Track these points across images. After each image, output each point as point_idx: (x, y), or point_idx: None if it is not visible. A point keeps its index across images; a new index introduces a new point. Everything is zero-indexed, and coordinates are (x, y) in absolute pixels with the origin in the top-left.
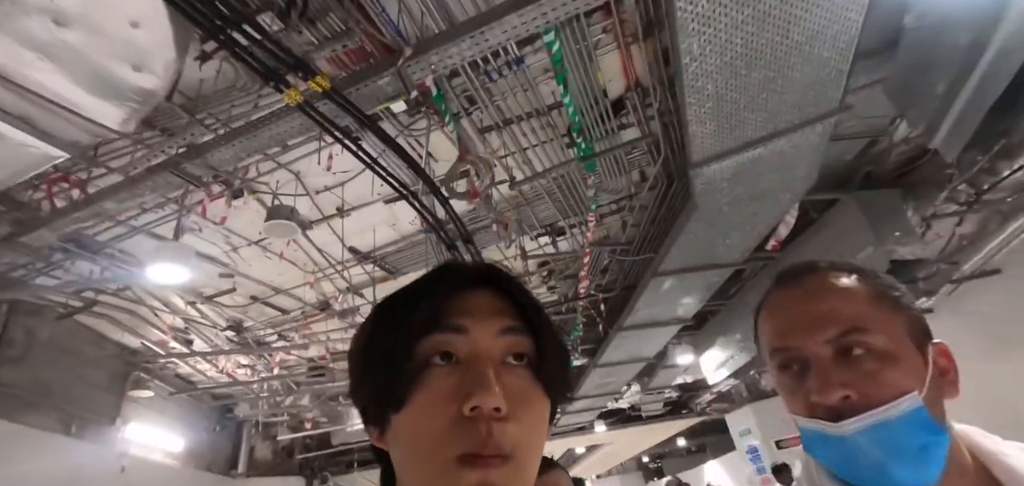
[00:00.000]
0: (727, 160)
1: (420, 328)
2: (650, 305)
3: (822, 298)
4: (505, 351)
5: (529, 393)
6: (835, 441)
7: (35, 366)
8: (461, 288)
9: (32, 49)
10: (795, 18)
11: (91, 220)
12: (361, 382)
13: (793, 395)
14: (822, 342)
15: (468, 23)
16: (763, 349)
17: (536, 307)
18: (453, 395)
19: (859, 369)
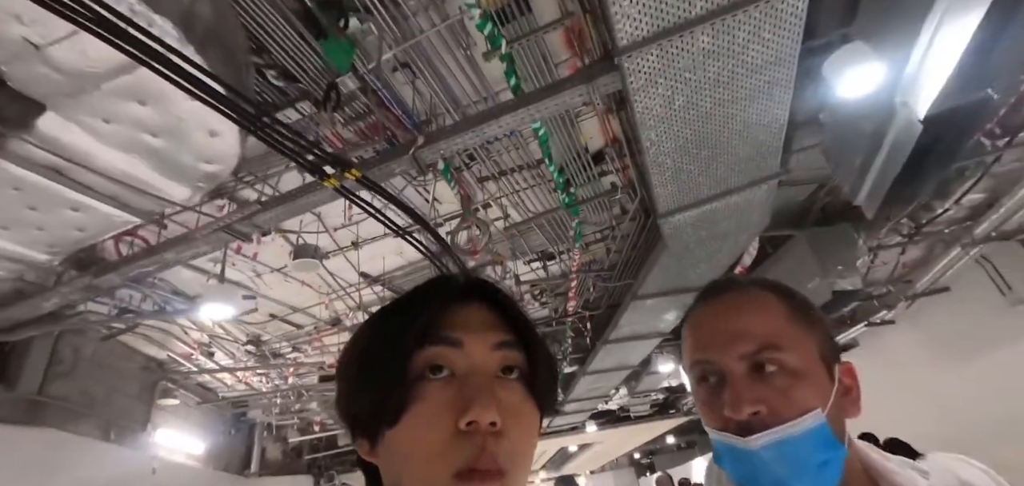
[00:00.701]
0: (688, 212)
1: (415, 341)
2: (632, 322)
3: (739, 314)
4: (499, 365)
5: (522, 407)
6: (743, 455)
7: (80, 380)
8: (454, 301)
9: (128, 151)
10: (731, 115)
11: (152, 266)
12: (353, 395)
13: (708, 407)
14: (737, 357)
15: (472, 119)
16: (685, 361)
17: (526, 321)
18: (449, 409)
19: (771, 385)
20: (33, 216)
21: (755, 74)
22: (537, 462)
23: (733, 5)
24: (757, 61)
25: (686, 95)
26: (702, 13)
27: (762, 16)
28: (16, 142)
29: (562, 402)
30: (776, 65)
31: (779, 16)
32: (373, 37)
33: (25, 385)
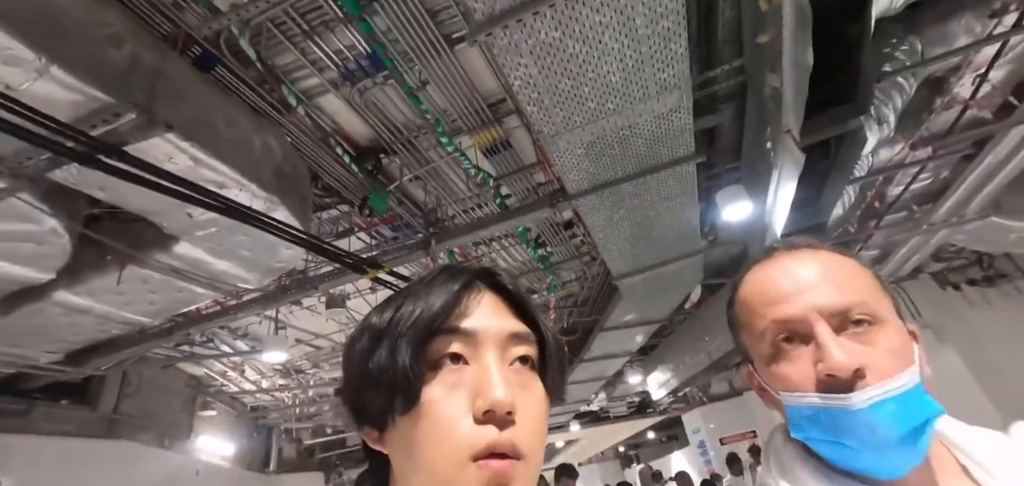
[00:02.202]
0: (636, 276)
1: (431, 328)
2: (603, 346)
3: (822, 269)
4: (512, 354)
5: (535, 395)
6: (843, 417)
7: (142, 399)
8: (467, 290)
9: (228, 260)
10: (656, 222)
11: (224, 321)
12: (362, 382)
13: (792, 368)
14: (829, 313)
15: (471, 225)
16: (748, 327)
17: (536, 312)
18: (465, 397)
19: (866, 341)
20: (150, 295)
21: (667, 201)
22: None
23: (647, 170)
24: (667, 195)
25: (621, 214)
26: (625, 175)
27: (666, 175)
28: (153, 257)
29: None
30: (681, 196)
31: (679, 174)
32: (396, 164)
33: (104, 406)
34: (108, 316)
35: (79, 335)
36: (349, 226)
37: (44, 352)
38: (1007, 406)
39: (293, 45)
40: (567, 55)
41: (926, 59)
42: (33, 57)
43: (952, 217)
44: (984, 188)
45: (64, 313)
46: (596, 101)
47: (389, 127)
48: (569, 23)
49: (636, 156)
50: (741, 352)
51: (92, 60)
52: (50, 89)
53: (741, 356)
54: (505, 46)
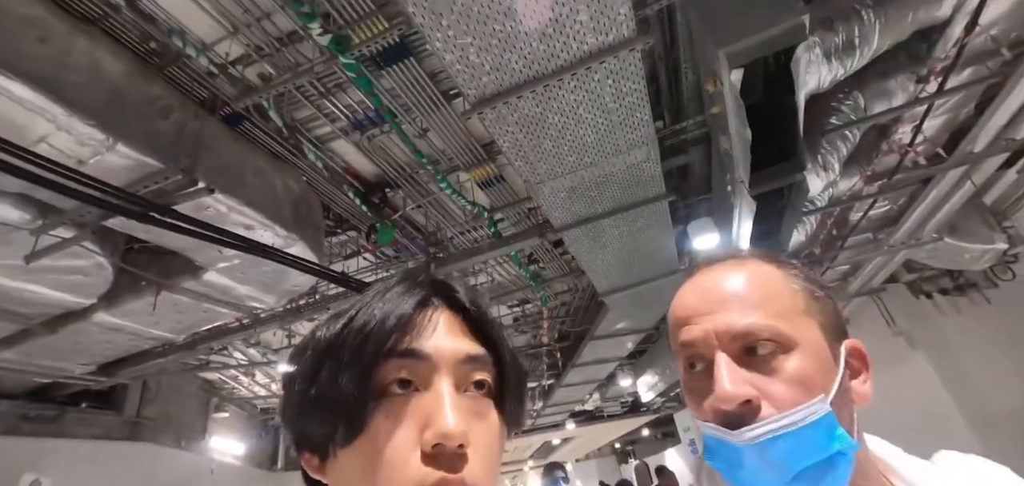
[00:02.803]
0: (620, 292)
1: (378, 352)
2: (594, 352)
3: (729, 289)
4: (467, 379)
5: (490, 425)
6: (733, 450)
7: (162, 403)
8: (420, 307)
9: (251, 285)
10: (636, 250)
11: (242, 337)
12: (304, 408)
13: (695, 396)
14: (728, 339)
15: (469, 251)
16: (670, 345)
17: (496, 332)
18: (412, 428)
19: (765, 369)
20: (177, 316)
21: (644, 232)
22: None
23: (623, 208)
24: (643, 227)
25: (603, 242)
26: (604, 211)
27: (640, 211)
28: (184, 284)
29: (542, 409)
30: (656, 227)
31: (652, 209)
32: (399, 196)
33: (128, 411)
34: (140, 333)
35: (112, 349)
36: (356, 249)
37: (80, 364)
38: (971, 412)
39: (310, 103)
40: (548, 124)
41: (867, 116)
42: (104, 138)
43: (910, 239)
44: (936, 215)
45: (101, 331)
46: (575, 157)
47: (393, 166)
48: (548, 101)
49: (613, 197)
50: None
51: (146, 133)
52: (113, 160)
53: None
54: (494, 119)
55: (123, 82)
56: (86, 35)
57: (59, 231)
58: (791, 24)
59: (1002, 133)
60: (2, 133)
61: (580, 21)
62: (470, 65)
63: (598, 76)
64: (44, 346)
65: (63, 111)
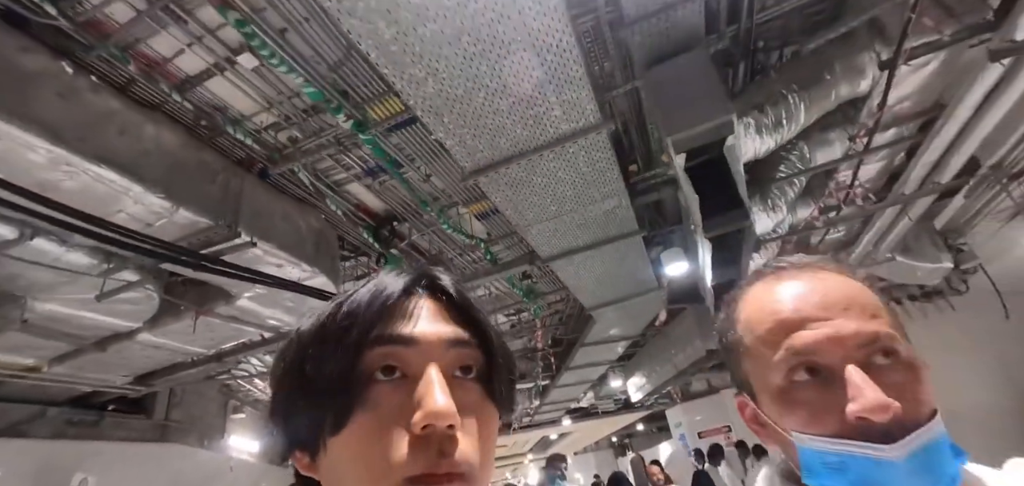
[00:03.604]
0: (605, 307)
1: (363, 339)
2: (586, 357)
3: (844, 292)
4: (454, 364)
5: (480, 408)
6: (877, 468)
7: (186, 406)
8: (405, 296)
9: (276, 308)
10: (618, 275)
11: (264, 350)
12: (291, 402)
13: (811, 407)
14: (856, 345)
15: (467, 276)
16: (754, 354)
17: (482, 317)
18: (401, 412)
19: (895, 378)
20: (210, 334)
21: (622, 259)
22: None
23: (601, 242)
24: (621, 256)
25: (586, 269)
26: (585, 245)
27: (618, 244)
28: (219, 308)
29: (539, 406)
30: (633, 255)
31: (628, 242)
32: (406, 227)
33: (157, 414)
34: (176, 350)
35: (150, 362)
36: (366, 271)
37: (121, 376)
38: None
39: (330, 157)
40: (533, 184)
41: (810, 167)
42: (169, 205)
43: (866, 259)
44: (887, 239)
45: (142, 348)
46: (556, 207)
47: (400, 202)
48: (532, 168)
49: (592, 234)
50: (738, 379)
51: (199, 195)
52: (174, 220)
53: (736, 384)
54: (487, 182)
55: (180, 153)
56: (152, 121)
57: (123, 275)
58: (721, 121)
59: (929, 176)
60: (91, 208)
61: (554, 114)
62: (467, 146)
63: (573, 149)
64: (93, 361)
65: (141, 189)
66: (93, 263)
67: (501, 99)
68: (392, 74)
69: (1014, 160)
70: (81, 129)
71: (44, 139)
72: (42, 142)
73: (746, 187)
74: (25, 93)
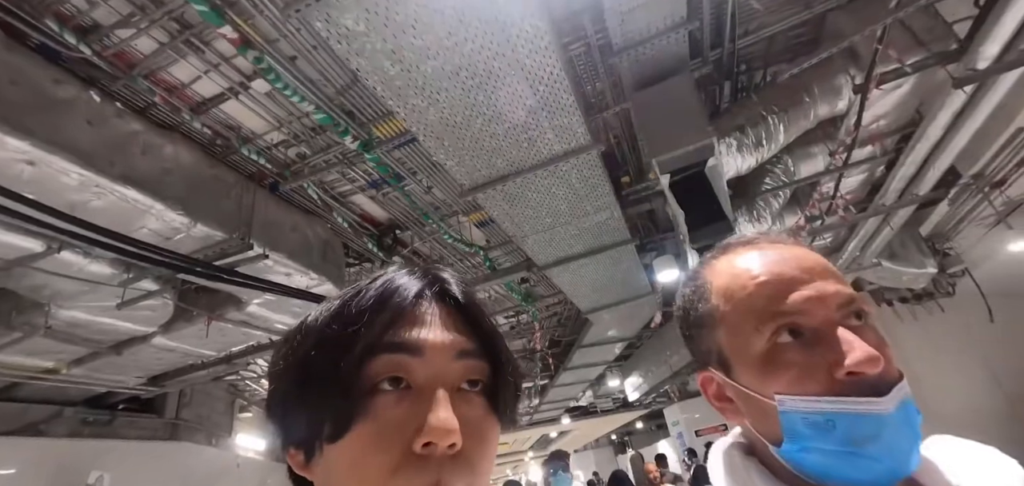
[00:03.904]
0: (601, 310)
1: (369, 347)
2: (583, 358)
3: (821, 261)
4: (460, 376)
5: (483, 425)
6: (870, 422)
7: (195, 406)
8: (413, 301)
9: (284, 313)
10: (612, 280)
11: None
12: (289, 401)
13: (791, 368)
14: (835, 308)
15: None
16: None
17: (491, 327)
18: (402, 427)
19: (868, 340)
20: (221, 338)
21: (616, 266)
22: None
23: (595, 250)
24: (615, 263)
25: (581, 276)
26: (578, 253)
27: (610, 254)
28: (230, 314)
29: (538, 405)
30: (626, 262)
31: (621, 250)
32: (408, 234)
33: (168, 413)
34: (188, 352)
35: (163, 364)
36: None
37: (135, 377)
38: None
39: (336, 171)
40: (528, 199)
41: (794, 180)
42: (188, 221)
43: (853, 264)
44: (872, 244)
45: (156, 351)
46: (551, 219)
47: (403, 212)
48: (527, 184)
49: (586, 243)
50: (705, 354)
51: (215, 210)
52: (191, 234)
53: (700, 359)
54: (484, 197)
55: (197, 171)
56: (171, 141)
57: (142, 284)
58: (701, 145)
59: (907, 188)
60: (116, 224)
61: (547, 137)
62: (465, 166)
63: (565, 168)
64: (109, 363)
65: (163, 207)
66: (114, 273)
67: (497, 125)
68: (396, 104)
69: (995, 170)
70: (109, 152)
71: (77, 164)
72: (75, 166)
73: (733, 198)
74: (59, 121)
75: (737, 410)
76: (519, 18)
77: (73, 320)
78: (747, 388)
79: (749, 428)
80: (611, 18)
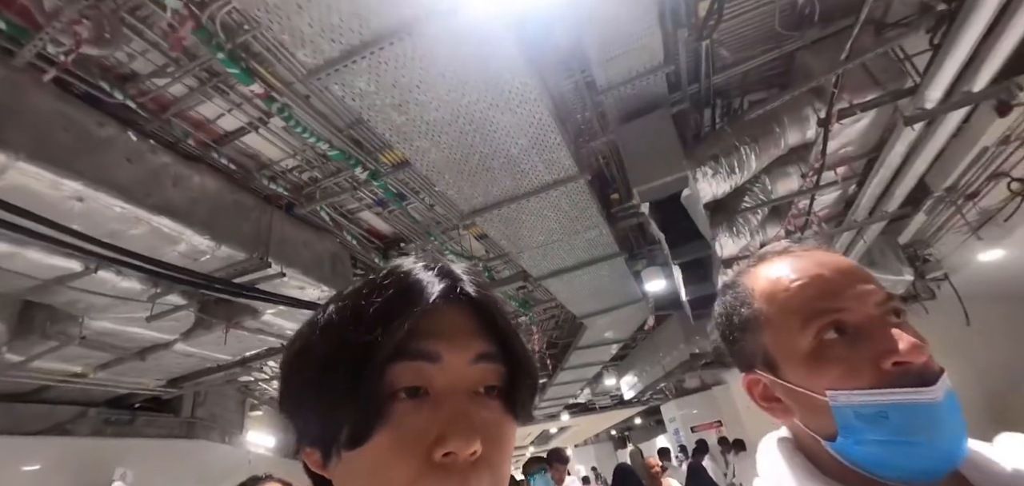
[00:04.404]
0: (595, 316)
1: (387, 354)
2: (580, 359)
3: (853, 266)
4: (479, 381)
5: (501, 427)
6: (920, 411)
7: (209, 405)
8: (430, 305)
9: (293, 322)
10: (605, 290)
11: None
12: (305, 402)
13: (846, 364)
14: (875, 304)
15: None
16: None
17: (510, 328)
18: (423, 436)
19: (910, 333)
20: (237, 344)
21: (608, 276)
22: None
23: (586, 263)
24: (607, 274)
25: (574, 285)
26: (571, 266)
27: (600, 266)
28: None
29: (538, 402)
30: (617, 274)
31: (611, 264)
32: (412, 247)
33: (184, 413)
34: (206, 357)
35: (182, 368)
36: None
37: (155, 380)
38: None
39: (345, 191)
40: (522, 221)
41: (771, 199)
42: (214, 245)
43: None
44: (850, 254)
45: (177, 357)
46: (544, 237)
47: (407, 227)
48: (521, 208)
49: (578, 257)
50: (750, 356)
51: (236, 232)
52: (215, 255)
53: (744, 363)
54: (482, 220)
55: (221, 197)
56: (197, 171)
57: (169, 298)
58: (676, 177)
59: (877, 205)
60: (150, 248)
61: (538, 170)
62: (464, 194)
63: (555, 194)
64: (132, 367)
65: (192, 232)
66: (143, 289)
67: (492, 160)
68: (402, 145)
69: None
70: (145, 186)
71: (119, 198)
72: (117, 201)
73: (715, 214)
74: (102, 160)
75: (786, 409)
76: (510, 77)
77: (104, 330)
78: (796, 386)
79: (799, 425)
80: (595, 65)
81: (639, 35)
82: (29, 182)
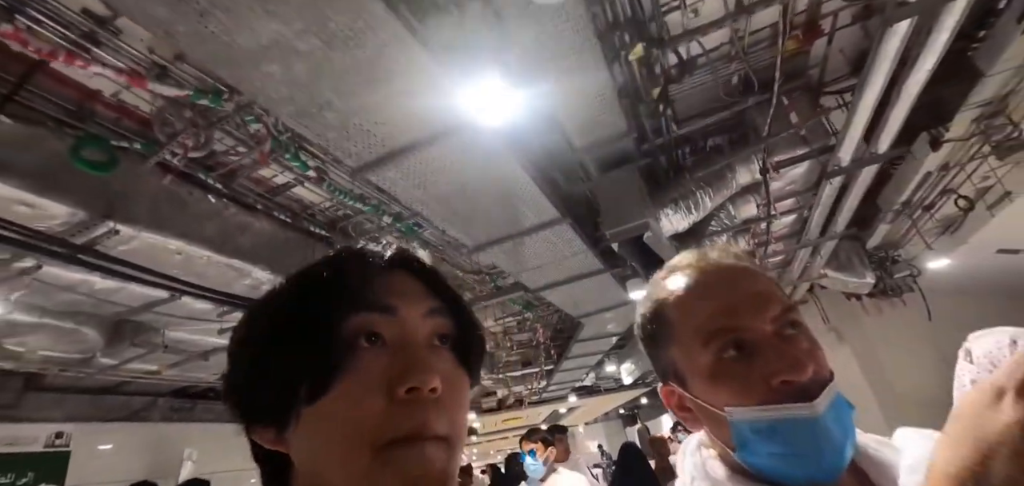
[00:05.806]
0: (590, 316)
1: (346, 306)
2: (581, 350)
3: (752, 273)
4: (432, 332)
5: (455, 375)
6: (802, 426)
7: None
8: (385, 269)
9: None
10: (595, 293)
11: None
12: (259, 375)
13: (738, 381)
14: (768, 320)
15: (473, 299)
16: (679, 340)
17: (452, 290)
18: (384, 377)
19: (801, 348)
20: None
21: (597, 288)
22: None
23: (578, 277)
24: (596, 285)
25: (567, 294)
26: (564, 279)
27: (591, 279)
28: None
29: (546, 386)
30: (606, 285)
31: (600, 278)
32: None
33: None
34: None
35: None
36: None
37: (213, 374)
38: (885, 397)
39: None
40: (518, 252)
41: (735, 224)
42: (272, 277)
43: (804, 272)
44: (814, 262)
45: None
46: (538, 261)
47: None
48: (517, 242)
49: (570, 273)
50: (664, 368)
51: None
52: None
53: (661, 373)
54: (485, 253)
55: (275, 236)
56: (257, 218)
57: (234, 315)
58: (639, 223)
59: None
60: (224, 283)
61: (529, 217)
62: (470, 235)
63: (544, 232)
64: (197, 365)
65: (258, 270)
66: (213, 308)
67: (491, 211)
68: (420, 207)
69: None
70: (223, 237)
71: (208, 250)
72: (206, 252)
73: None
74: (192, 221)
75: (697, 419)
76: (503, 162)
77: (179, 339)
78: (701, 400)
79: (710, 435)
80: (573, 135)
81: (605, 115)
82: (146, 248)
